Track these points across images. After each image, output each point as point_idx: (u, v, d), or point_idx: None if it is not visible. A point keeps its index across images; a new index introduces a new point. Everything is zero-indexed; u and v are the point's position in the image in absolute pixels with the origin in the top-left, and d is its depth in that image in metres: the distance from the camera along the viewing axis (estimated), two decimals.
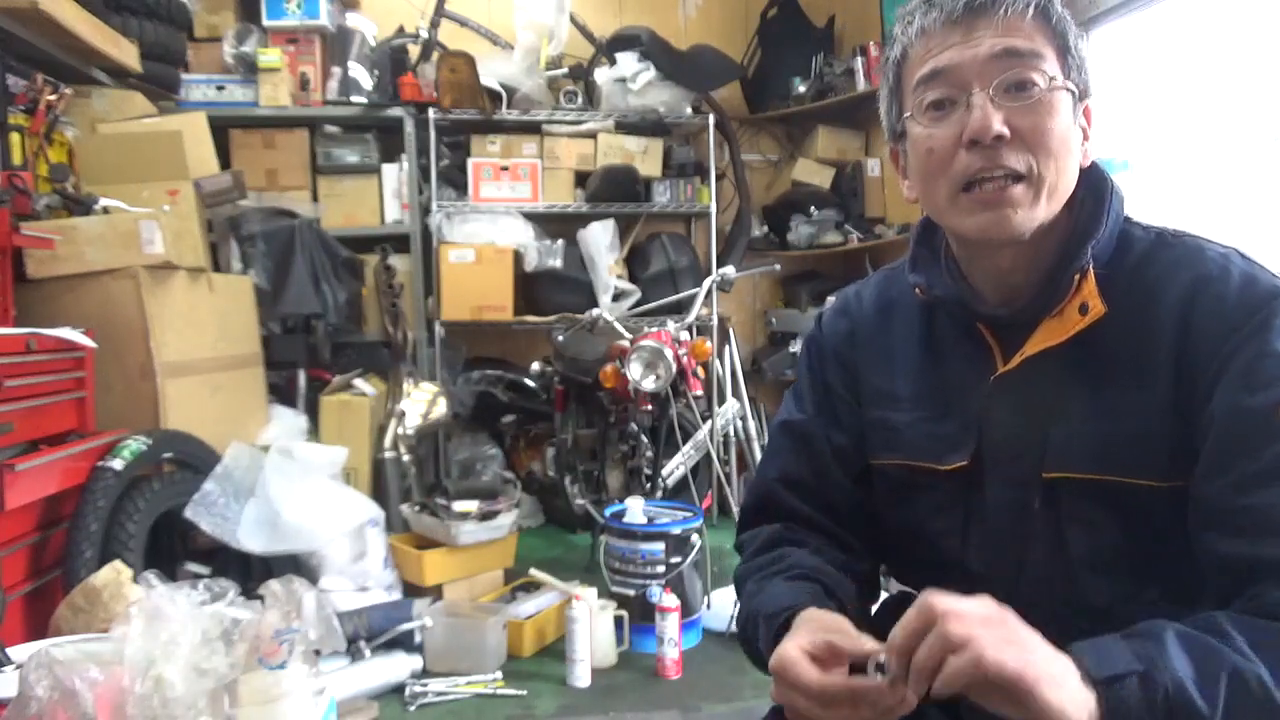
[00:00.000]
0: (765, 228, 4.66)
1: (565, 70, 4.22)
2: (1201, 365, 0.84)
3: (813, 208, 4.44)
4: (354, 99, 3.90)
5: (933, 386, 1.00)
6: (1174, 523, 0.85)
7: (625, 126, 4.23)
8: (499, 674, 2.41)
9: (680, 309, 3.85)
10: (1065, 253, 0.92)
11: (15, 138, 2.71)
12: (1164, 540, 0.86)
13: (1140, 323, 0.88)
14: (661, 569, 2.61)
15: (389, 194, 4.06)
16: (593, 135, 4.16)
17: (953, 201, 0.91)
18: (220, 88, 3.83)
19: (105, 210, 2.67)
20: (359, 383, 3.65)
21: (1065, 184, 0.90)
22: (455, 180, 4.13)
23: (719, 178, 4.42)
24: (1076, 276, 0.89)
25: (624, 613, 2.59)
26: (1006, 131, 0.86)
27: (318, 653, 1.73)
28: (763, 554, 1.04)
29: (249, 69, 3.84)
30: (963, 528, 0.97)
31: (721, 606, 2.72)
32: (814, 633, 0.81)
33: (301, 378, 3.67)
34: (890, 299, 1.07)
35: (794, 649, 0.79)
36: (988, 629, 0.69)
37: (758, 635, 0.93)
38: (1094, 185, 0.94)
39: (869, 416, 1.05)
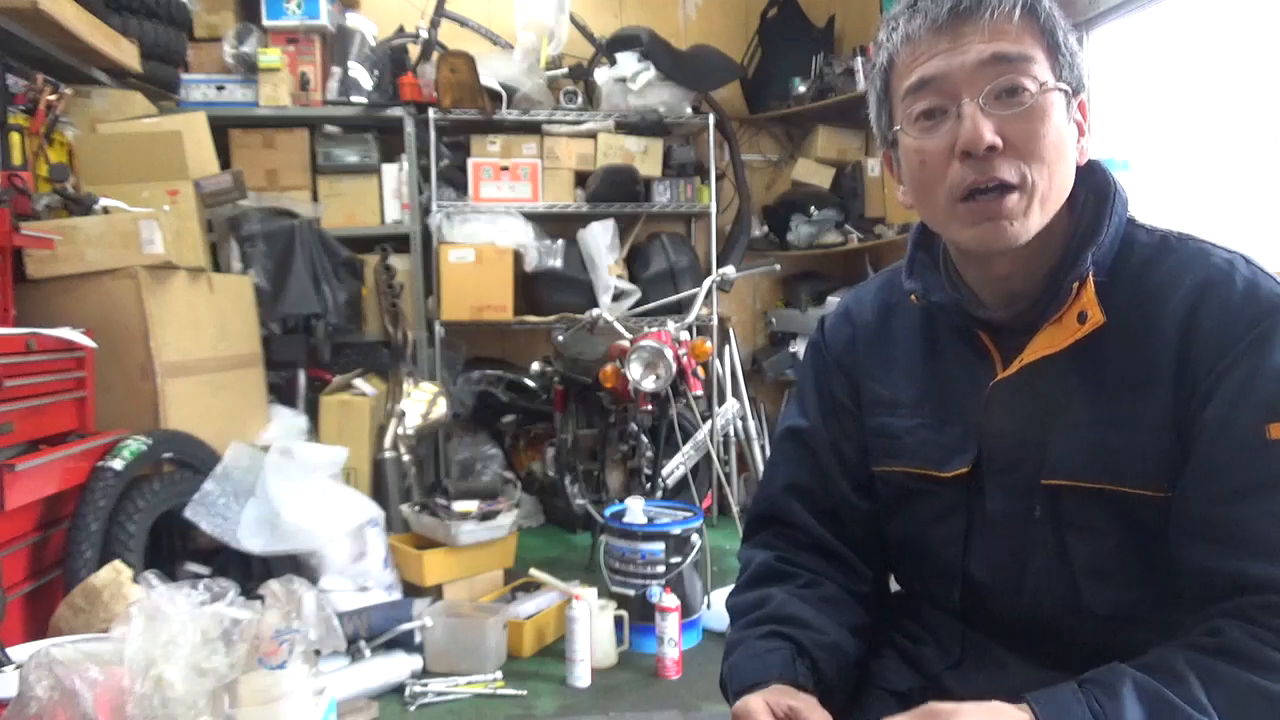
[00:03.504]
0: (765, 228, 4.66)
1: (565, 70, 4.22)
2: (1199, 376, 0.83)
3: (813, 208, 4.43)
4: (354, 99, 3.90)
5: (933, 392, 0.99)
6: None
7: (625, 126, 4.23)
8: (499, 674, 2.41)
9: (680, 309, 3.85)
10: (1065, 257, 0.90)
11: (15, 138, 2.71)
12: (1164, 548, 0.85)
13: (1141, 332, 0.86)
14: (661, 569, 2.61)
15: (389, 194, 4.06)
16: (593, 135, 4.16)
17: (950, 211, 0.89)
18: (220, 88, 3.83)
19: (105, 210, 2.66)
20: (359, 383, 3.65)
21: (1060, 189, 0.88)
22: (455, 180, 4.13)
23: (719, 178, 4.42)
24: (1075, 284, 0.87)
25: (624, 613, 2.59)
26: (999, 141, 0.84)
27: (318, 653, 1.73)
28: (751, 589, 1.04)
29: (249, 69, 3.83)
30: (964, 536, 0.96)
31: (722, 606, 2.71)
32: (782, 694, 0.89)
33: (301, 378, 3.67)
34: (891, 304, 1.06)
35: (759, 701, 0.87)
36: None
37: (728, 693, 0.97)
38: (1097, 186, 0.93)
39: (870, 424, 1.04)
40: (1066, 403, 0.89)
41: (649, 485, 3.32)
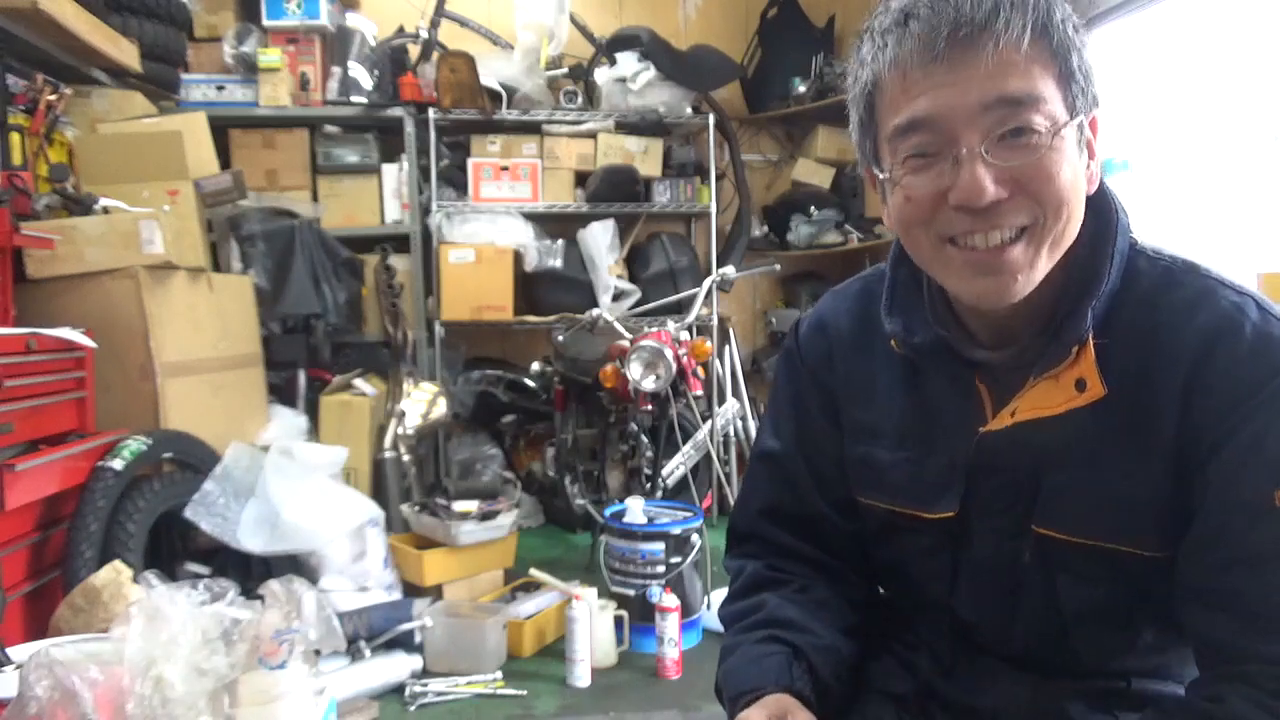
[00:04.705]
0: (765, 228, 4.66)
1: (565, 70, 4.22)
2: (1204, 433, 0.77)
3: (813, 208, 4.44)
4: (354, 99, 3.90)
5: (918, 426, 0.92)
6: (1167, 583, 0.82)
7: (625, 126, 4.23)
8: (499, 674, 2.41)
9: (680, 309, 3.85)
10: (1065, 297, 0.83)
11: (15, 138, 2.71)
12: (1158, 598, 0.82)
13: (1142, 393, 0.80)
14: (661, 569, 2.61)
15: (389, 194, 4.06)
16: (593, 135, 4.16)
17: (937, 254, 0.80)
18: (220, 88, 3.83)
19: (105, 210, 2.67)
20: (359, 383, 3.65)
21: (1071, 230, 0.79)
22: (455, 180, 4.13)
23: (719, 178, 4.42)
24: (1075, 348, 0.80)
25: (624, 613, 2.59)
26: (1003, 195, 0.75)
27: (318, 653, 1.73)
28: (743, 598, 1.02)
29: (249, 69, 3.83)
30: (951, 574, 0.93)
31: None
32: (781, 706, 0.86)
33: (301, 378, 3.67)
34: (871, 318, 0.95)
35: (760, 715, 0.85)
36: None
37: (724, 698, 0.96)
38: (1096, 208, 0.84)
39: (852, 452, 0.98)
40: (1060, 455, 0.84)
41: (649, 485, 3.31)
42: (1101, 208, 0.85)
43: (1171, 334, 0.79)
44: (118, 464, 2.24)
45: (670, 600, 2.44)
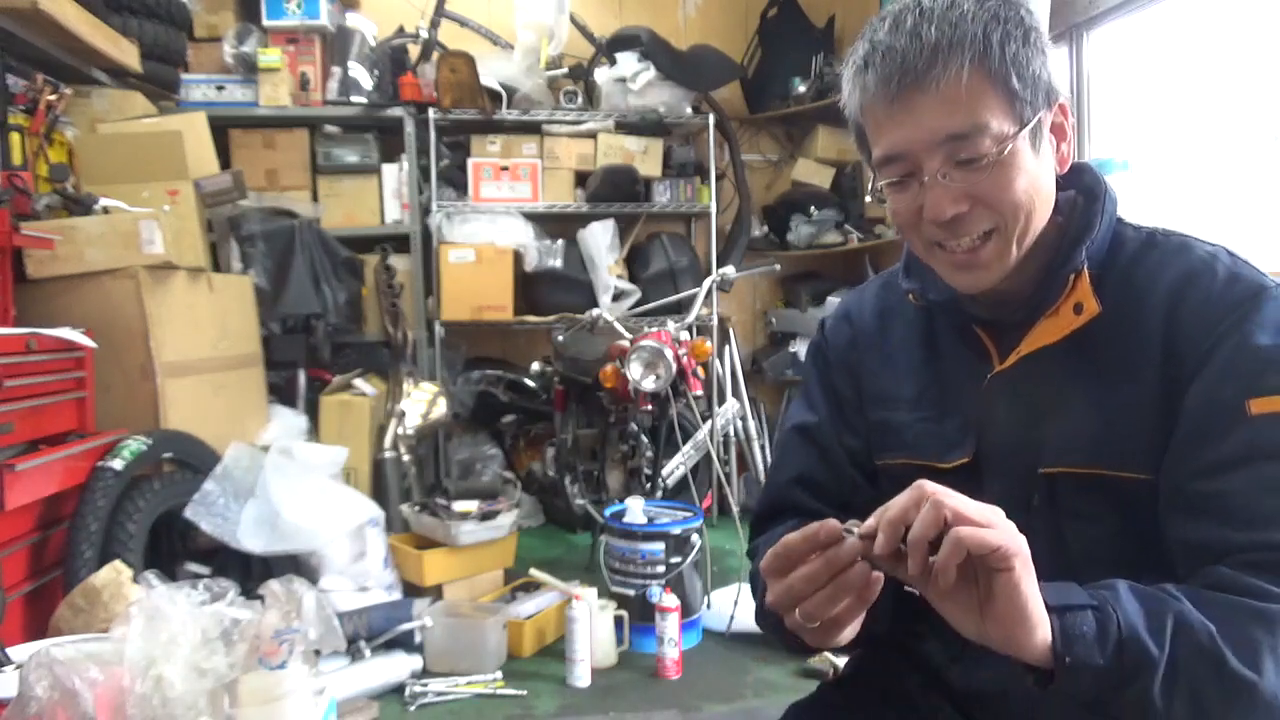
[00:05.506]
0: (765, 228, 4.66)
1: (565, 70, 4.22)
2: (1185, 360, 0.85)
3: (813, 208, 4.44)
4: (354, 99, 3.90)
5: (932, 388, 1.01)
6: None
7: (625, 126, 4.23)
8: (499, 674, 2.41)
9: (680, 309, 3.85)
10: (1058, 255, 0.92)
11: (15, 138, 2.71)
12: (1159, 533, 0.87)
13: (1130, 322, 0.89)
14: (661, 569, 2.61)
15: (389, 194, 4.06)
16: (593, 135, 4.16)
17: (929, 252, 0.93)
18: (220, 88, 3.83)
19: (105, 210, 2.67)
20: (359, 383, 3.65)
21: (1038, 220, 0.90)
22: (455, 180, 4.13)
23: (719, 178, 4.42)
24: (1071, 277, 0.90)
25: (624, 613, 2.59)
26: (962, 209, 0.86)
27: (318, 653, 1.73)
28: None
29: (249, 69, 3.84)
30: None
31: (721, 606, 2.72)
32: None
33: (301, 378, 3.67)
34: (889, 305, 1.08)
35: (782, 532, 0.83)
36: (978, 513, 0.71)
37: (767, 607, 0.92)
38: (1087, 187, 0.95)
39: (872, 419, 1.06)
40: (1062, 393, 0.91)
41: (649, 485, 3.31)
42: (1090, 183, 0.95)
43: (1154, 281, 0.89)
44: (118, 464, 2.24)
45: (670, 600, 2.44)
